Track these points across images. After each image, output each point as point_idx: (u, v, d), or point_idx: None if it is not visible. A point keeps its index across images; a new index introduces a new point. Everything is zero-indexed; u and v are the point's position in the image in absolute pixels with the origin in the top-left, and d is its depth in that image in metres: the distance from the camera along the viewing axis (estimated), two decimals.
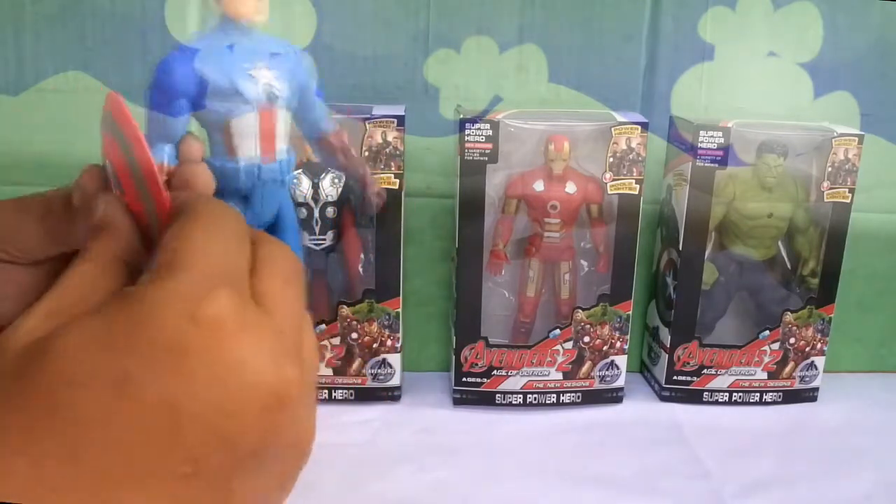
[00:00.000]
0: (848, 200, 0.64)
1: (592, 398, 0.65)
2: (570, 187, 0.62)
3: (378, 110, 0.60)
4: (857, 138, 0.63)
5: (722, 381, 0.66)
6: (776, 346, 0.66)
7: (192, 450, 0.21)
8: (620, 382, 0.65)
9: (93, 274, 0.24)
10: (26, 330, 0.22)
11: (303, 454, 0.25)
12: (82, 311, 0.22)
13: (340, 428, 0.61)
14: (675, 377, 0.66)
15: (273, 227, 0.35)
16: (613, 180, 0.61)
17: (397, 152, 0.59)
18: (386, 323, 0.62)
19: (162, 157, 0.31)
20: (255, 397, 0.22)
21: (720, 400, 0.67)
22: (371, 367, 0.63)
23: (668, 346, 0.66)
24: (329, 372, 0.63)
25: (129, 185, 0.26)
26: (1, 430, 0.20)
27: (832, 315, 0.66)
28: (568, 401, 0.65)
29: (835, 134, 0.63)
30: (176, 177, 0.30)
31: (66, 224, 0.28)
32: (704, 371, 0.66)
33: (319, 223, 0.61)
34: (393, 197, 0.60)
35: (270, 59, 0.33)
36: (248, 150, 0.32)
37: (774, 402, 0.68)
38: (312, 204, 0.61)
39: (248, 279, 0.24)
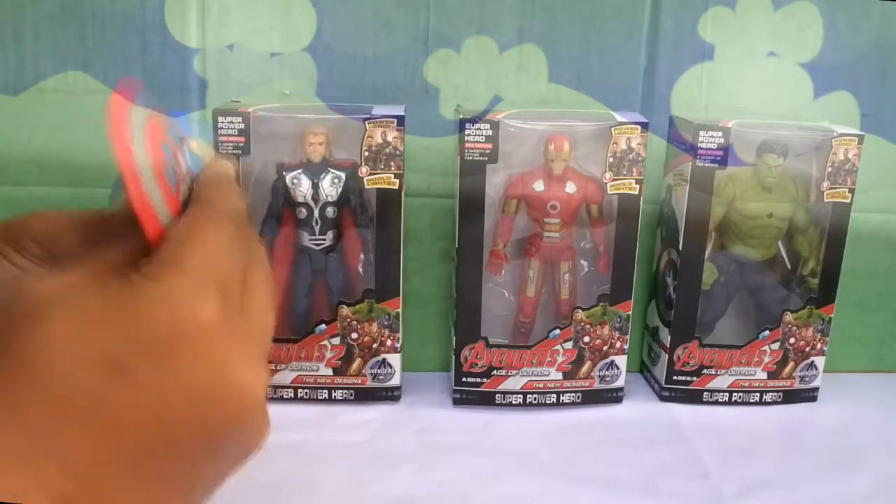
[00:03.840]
0: (848, 200, 0.64)
1: (592, 398, 0.65)
2: (570, 187, 0.62)
3: (378, 110, 0.60)
4: (857, 138, 0.63)
5: (722, 381, 0.67)
6: (776, 346, 0.66)
7: (174, 434, 0.23)
8: (620, 382, 0.65)
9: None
10: (42, 283, 0.23)
11: (257, 444, 0.27)
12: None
13: (340, 428, 0.61)
14: (675, 377, 0.66)
15: None
16: (613, 180, 0.61)
17: (397, 152, 0.59)
18: (386, 323, 0.62)
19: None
20: (235, 395, 0.24)
21: (720, 400, 0.67)
22: (371, 367, 0.63)
23: (668, 346, 0.66)
24: (329, 372, 0.63)
25: (133, 181, 0.27)
26: None
27: (832, 315, 0.66)
28: (568, 401, 0.65)
29: (835, 134, 0.63)
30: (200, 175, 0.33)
31: (96, 234, 0.31)
32: (704, 371, 0.66)
33: (319, 223, 0.61)
34: (393, 197, 0.60)
35: None
36: None
37: (774, 402, 0.68)
38: (312, 204, 0.61)
39: (239, 285, 0.26)
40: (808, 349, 0.67)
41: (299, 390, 0.63)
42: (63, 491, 0.20)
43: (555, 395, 0.65)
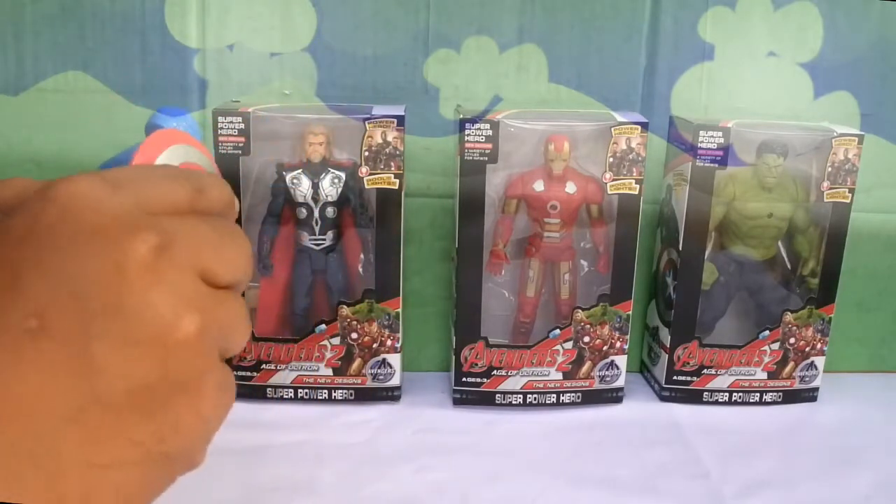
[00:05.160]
0: (848, 200, 0.64)
1: (592, 398, 0.65)
2: (570, 187, 0.62)
3: (378, 110, 0.60)
4: (857, 138, 0.63)
5: (722, 381, 0.66)
6: (776, 346, 0.66)
7: (36, 302, 0.21)
8: (620, 382, 0.65)
9: None
10: None
11: (174, 338, 0.23)
12: None
13: (340, 428, 0.61)
14: (675, 377, 0.66)
15: None
16: (613, 180, 0.61)
17: (397, 152, 0.59)
18: (386, 323, 0.62)
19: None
20: (107, 251, 0.22)
21: (720, 400, 0.67)
22: (371, 367, 0.63)
23: (668, 346, 0.66)
24: (329, 372, 0.63)
25: None
26: None
27: (832, 315, 0.66)
28: (568, 401, 0.65)
29: (835, 134, 0.63)
30: None
31: None
32: (704, 371, 0.66)
33: (319, 223, 0.61)
34: (393, 197, 0.60)
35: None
36: None
37: (774, 402, 0.68)
38: (312, 204, 0.61)
39: (150, 198, 0.25)
40: (808, 349, 0.67)
41: (299, 390, 0.63)
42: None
43: (555, 395, 0.65)
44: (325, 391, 0.64)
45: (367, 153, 0.59)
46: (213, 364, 0.25)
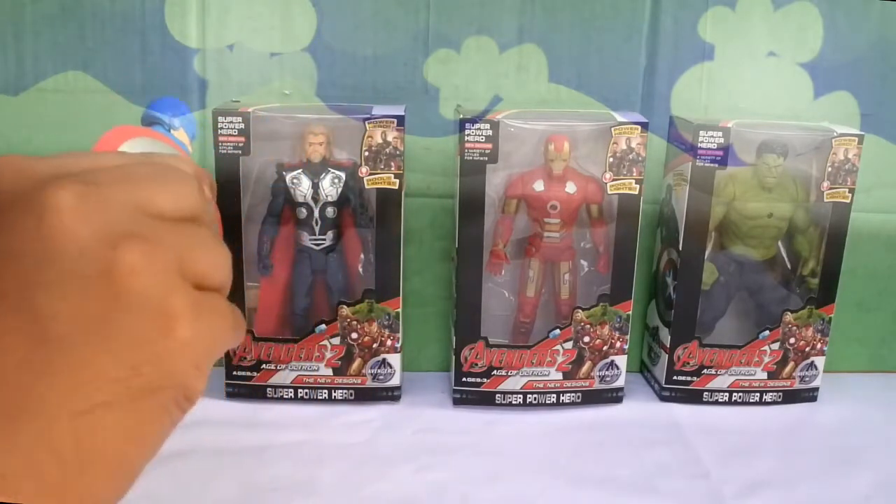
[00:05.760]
0: (848, 200, 0.64)
1: (592, 398, 0.65)
2: (570, 187, 0.62)
3: (378, 110, 0.60)
4: (857, 138, 0.63)
5: (722, 381, 0.67)
6: (776, 346, 0.66)
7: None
8: (620, 382, 0.65)
9: None
10: None
11: (116, 268, 0.23)
12: None
13: (340, 428, 0.61)
14: (675, 377, 0.66)
15: None
16: (613, 180, 0.61)
17: (397, 152, 0.59)
18: (386, 323, 0.62)
19: None
20: (28, 207, 0.22)
21: (720, 400, 0.67)
22: (371, 367, 0.63)
23: (668, 346, 0.66)
24: (329, 372, 0.63)
25: None
26: None
27: (832, 315, 0.66)
28: (568, 401, 0.65)
29: (835, 134, 0.63)
30: None
31: None
32: (704, 371, 0.66)
33: (319, 223, 0.61)
34: (393, 197, 0.60)
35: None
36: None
37: (774, 402, 0.68)
38: (312, 204, 0.61)
39: (91, 175, 0.25)
40: (808, 349, 0.67)
41: (299, 390, 0.63)
42: None
43: (555, 395, 0.65)
44: (325, 391, 0.64)
45: (367, 153, 0.59)
46: (175, 286, 0.24)
